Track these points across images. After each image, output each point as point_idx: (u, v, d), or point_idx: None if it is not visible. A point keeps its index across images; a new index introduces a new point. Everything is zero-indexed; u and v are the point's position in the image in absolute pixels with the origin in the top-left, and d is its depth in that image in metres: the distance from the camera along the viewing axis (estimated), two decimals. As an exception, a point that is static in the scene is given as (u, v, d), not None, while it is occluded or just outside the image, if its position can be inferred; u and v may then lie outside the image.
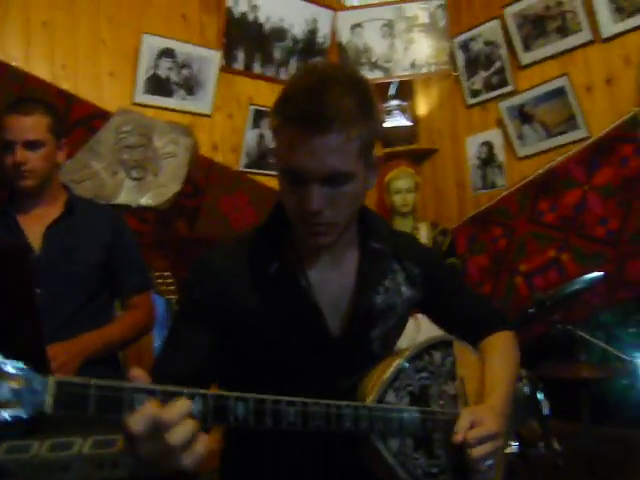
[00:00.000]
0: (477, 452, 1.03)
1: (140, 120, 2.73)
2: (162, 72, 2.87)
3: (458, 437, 1.04)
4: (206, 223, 2.94)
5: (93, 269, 1.79)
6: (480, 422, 1.05)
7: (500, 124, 3.33)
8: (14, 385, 0.65)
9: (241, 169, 3.13)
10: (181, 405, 0.74)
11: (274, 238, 1.11)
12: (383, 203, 3.39)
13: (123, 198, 2.67)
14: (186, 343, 1.05)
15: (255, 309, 1.07)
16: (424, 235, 3.34)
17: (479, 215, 3.45)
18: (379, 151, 3.66)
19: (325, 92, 0.94)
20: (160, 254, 2.77)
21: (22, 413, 0.65)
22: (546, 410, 2.06)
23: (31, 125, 1.74)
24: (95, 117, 2.63)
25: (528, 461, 1.66)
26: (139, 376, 0.75)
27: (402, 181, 3.26)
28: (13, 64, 2.45)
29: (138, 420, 0.70)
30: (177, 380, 0.84)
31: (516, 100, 3.21)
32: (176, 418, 0.72)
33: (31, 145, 1.74)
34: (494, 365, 1.21)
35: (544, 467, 1.91)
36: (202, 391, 0.79)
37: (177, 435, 0.72)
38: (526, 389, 2.04)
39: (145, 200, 2.72)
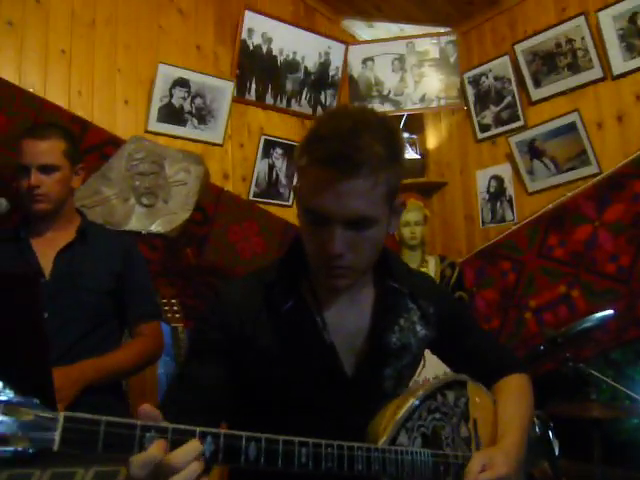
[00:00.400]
0: None
1: (152, 148, 2.75)
2: (176, 101, 2.90)
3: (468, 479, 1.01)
4: (214, 251, 2.94)
5: (102, 296, 1.78)
6: (491, 465, 1.03)
7: (510, 158, 3.34)
8: (23, 419, 0.63)
9: (251, 198, 3.14)
10: (190, 449, 0.73)
11: (291, 275, 1.09)
12: (392, 236, 3.38)
13: (133, 224, 2.67)
14: (198, 378, 1.03)
15: (269, 347, 1.05)
16: (432, 268, 3.32)
17: (488, 249, 3.43)
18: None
19: (357, 136, 0.93)
20: (167, 281, 2.76)
21: (29, 448, 0.63)
22: (557, 450, 2.01)
23: (47, 149, 1.75)
24: (108, 144, 2.65)
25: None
26: (149, 411, 0.73)
27: (411, 214, 3.25)
28: (30, 90, 2.48)
29: (143, 464, 0.69)
30: (188, 416, 0.83)
31: (526, 135, 3.22)
32: (182, 463, 0.71)
33: (46, 169, 1.75)
34: (508, 408, 1.19)
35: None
36: (214, 430, 0.77)
37: (180, 479, 0.71)
38: (537, 429, 1.99)
39: (155, 227, 2.72)
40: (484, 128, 3.48)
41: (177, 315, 2.65)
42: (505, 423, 1.16)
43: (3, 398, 0.63)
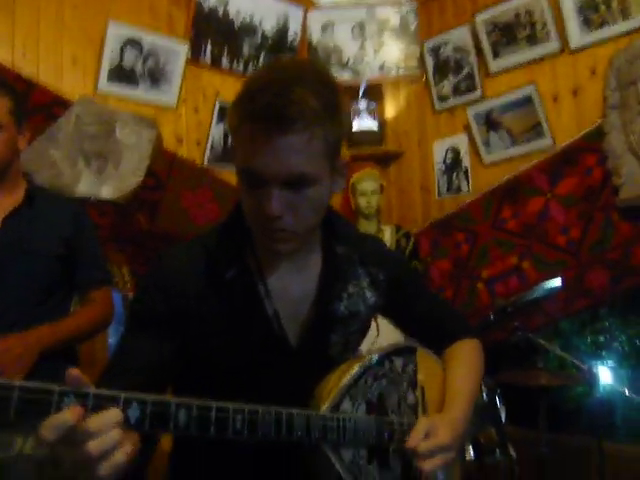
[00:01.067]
0: (427, 464, 1.00)
1: (102, 110, 2.65)
2: (127, 62, 2.78)
3: (409, 445, 1.00)
4: (167, 217, 2.87)
5: (52, 261, 1.71)
6: (435, 434, 1.02)
7: (467, 130, 3.35)
8: None
9: (205, 164, 3.07)
10: (108, 415, 0.70)
11: (233, 241, 1.05)
12: (348, 204, 3.37)
13: (82, 189, 2.58)
14: (137, 350, 0.99)
15: (211, 316, 1.02)
16: (388, 238, 3.34)
17: (443, 220, 3.47)
18: (345, 153, 3.65)
19: (289, 89, 0.88)
20: (117, 247, 2.69)
21: None
22: (503, 417, 2.06)
23: None
24: (55, 104, 2.54)
25: (484, 468, 1.65)
26: (76, 376, 0.70)
27: (367, 183, 3.25)
28: (-30, 46, 2.35)
29: (52, 427, 0.66)
30: (125, 389, 0.78)
31: (483, 106, 3.23)
32: (98, 430, 0.69)
33: None
34: (456, 374, 1.18)
35: (499, 474, 1.91)
36: (141, 396, 0.75)
37: (95, 445, 0.69)
38: (484, 395, 2.04)
39: (105, 192, 2.63)
40: (442, 98, 3.47)
41: (128, 283, 2.59)
42: (453, 392, 1.15)
43: None
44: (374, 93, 3.75)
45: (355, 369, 1.03)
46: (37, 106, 2.46)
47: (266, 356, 1.04)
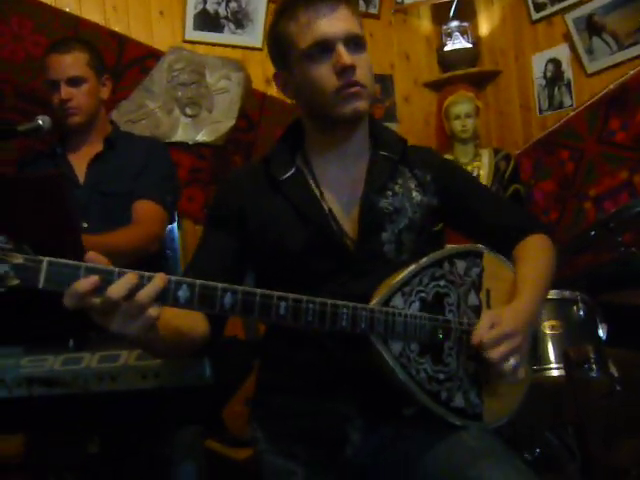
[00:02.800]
0: (494, 353, 1.03)
1: (191, 57, 2.76)
2: (210, 7, 2.86)
3: (475, 341, 1.04)
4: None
5: (126, 200, 1.81)
6: (499, 322, 1.05)
7: (567, 38, 3.11)
8: (14, 262, 0.76)
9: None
10: (124, 281, 0.82)
11: (288, 148, 1.19)
12: (442, 129, 3.29)
13: (179, 136, 2.74)
14: (212, 247, 1.17)
15: (271, 215, 1.15)
16: (486, 162, 3.23)
17: (545, 138, 3.28)
18: (437, 75, 3.53)
19: None
20: (218, 189, 2.85)
21: (18, 285, 0.76)
22: (603, 334, 1.99)
23: (71, 62, 1.81)
24: (148, 57, 2.68)
25: (574, 383, 1.63)
26: (95, 258, 0.83)
27: (461, 106, 3.14)
28: (66, 10, 2.52)
29: (68, 295, 0.80)
30: (206, 279, 0.91)
31: (584, 10, 2.97)
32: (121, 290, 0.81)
33: (74, 81, 1.80)
34: (524, 267, 1.19)
35: (596, 391, 1.87)
36: (189, 280, 0.87)
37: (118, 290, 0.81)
38: (581, 313, 1.98)
39: (201, 137, 2.77)
40: (539, 7, 3.23)
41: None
42: (520, 282, 1.16)
43: (1, 246, 0.76)
44: (466, 10, 3.56)
45: (409, 268, 1.07)
46: (131, 60, 2.63)
47: (324, 254, 1.12)
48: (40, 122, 1.69)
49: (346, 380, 1.11)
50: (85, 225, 1.70)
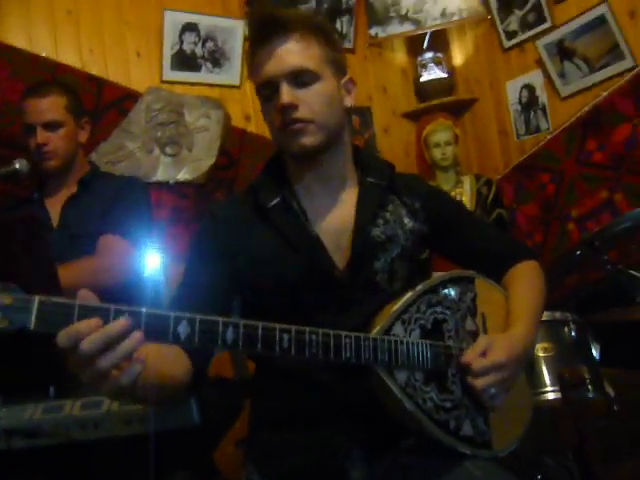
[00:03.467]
0: (479, 381, 1.02)
1: (170, 97, 2.77)
2: (187, 47, 2.89)
3: (464, 361, 1.03)
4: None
5: (93, 239, 1.76)
6: (491, 351, 1.04)
7: (540, 64, 3.18)
8: (3, 302, 0.70)
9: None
10: (118, 325, 0.75)
11: (273, 176, 1.18)
12: (423, 159, 3.32)
13: (160, 175, 2.72)
14: (196, 281, 1.11)
15: (259, 248, 1.12)
16: (468, 188, 3.26)
17: (524, 162, 3.32)
18: (415, 105, 3.57)
19: (283, 12, 1.09)
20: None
21: (8, 328, 0.70)
22: (596, 354, 1.97)
23: (48, 106, 1.79)
24: (126, 98, 2.69)
25: (571, 405, 1.60)
26: (87, 297, 0.77)
27: (440, 134, 3.18)
28: (43, 54, 2.53)
29: (65, 335, 0.73)
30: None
31: (554, 36, 3.04)
32: (109, 337, 0.74)
33: (50, 126, 1.79)
34: (517, 296, 1.18)
35: (593, 412, 1.84)
36: (189, 315, 0.81)
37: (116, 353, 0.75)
38: (573, 333, 1.96)
39: (182, 175, 2.77)
40: (510, 35, 3.30)
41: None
42: (514, 312, 1.15)
43: None
44: (439, 42, 3.63)
45: (406, 295, 1.05)
46: (109, 102, 2.62)
47: (315, 284, 1.10)
48: (17, 166, 1.68)
49: (342, 413, 1.08)
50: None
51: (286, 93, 1.06)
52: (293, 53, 1.07)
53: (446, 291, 1.11)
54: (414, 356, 1.01)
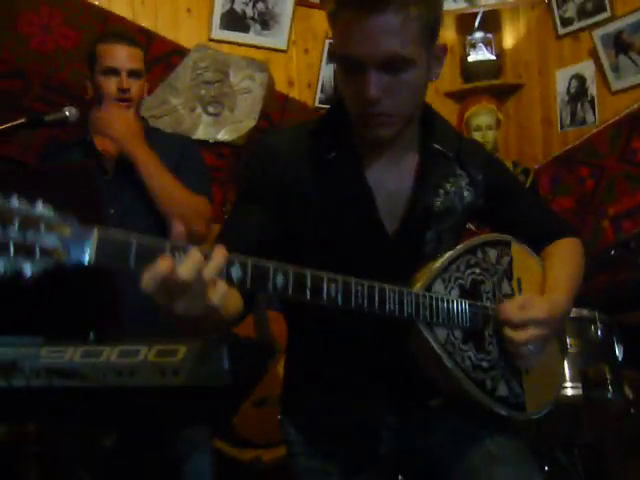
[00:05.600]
0: (518, 335, 1.02)
1: (216, 56, 2.77)
2: (238, 7, 2.87)
3: (503, 314, 1.03)
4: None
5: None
6: (530, 306, 1.04)
7: (593, 55, 3.09)
8: (63, 234, 0.68)
9: (317, 105, 3.12)
10: (192, 259, 0.72)
11: (334, 128, 1.09)
12: (462, 141, 3.28)
13: (200, 134, 2.74)
14: (244, 222, 1.07)
15: (311, 195, 1.07)
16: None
17: (565, 154, 3.26)
18: (459, 86, 3.52)
19: None
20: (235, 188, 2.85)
21: (66, 260, 0.67)
22: (619, 355, 1.97)
23: (137, 55, 1.85)
24: (173, 54, 2.69)
25: (591, 404, 1.61)
26: (179, 232, 0.76)
27: (482, 117, 3.14)
28: (96, 3, 2.53)
29: (149, 279, 0.70)
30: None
31: (612, 27, 2.96)
32: (189, 273, 0.72)
33: (134, 74, 1.83)
34: (556, 269, 1.18)
35: (610, 413, 1.85)
36: (242, 258, 0.79)
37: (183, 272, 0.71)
38: (599, 332, 1.95)
39: (222, 135, 2.78)
40: (566, 22, 3.22)
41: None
42: (553, 281, 1.15)
43: (46, 215, 0.67)
44: (491, 22, 3.55)
45: (447, 254, 1.05)
46: (157, 56, 2.63)
47: (362, 243, 1.07)
48: (67, 113, 1.69)
49: (377, 378, 1.10)
50: (112, 211, 1.72)
51: (374, 85, 0.94)
52: (389, 34, 0.91)
53: (484, 253, 1.11)
54: (454, 314, 1.01)
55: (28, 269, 0.65)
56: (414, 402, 1.11)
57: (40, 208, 0.67)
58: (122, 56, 1.82)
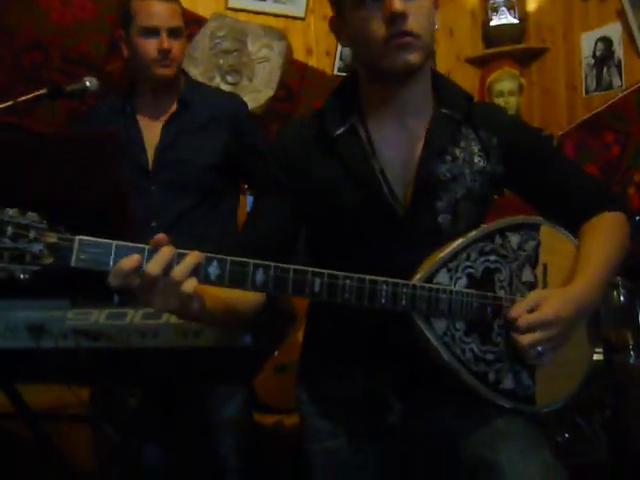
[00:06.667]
0: (524, 339, 1.00)
1: (234, 25, 2.75)
2: (255, -26, 2.84)
3: (510, 316, 1.01)
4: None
5: (205, 171, 1.74)
6: (540, 307, 1.01)
7: (621, 16, 3.00)
8: (49, 241, 0.79)
9: (335, 73, 3.09)
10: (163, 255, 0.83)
11: (343, 103, 1.10)
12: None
13: (219, 103, 2.73)
14: (264, 212, 1.13)
15: (322, 175, 1.09)
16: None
17: (590, 120, 3.19)
18: (481, 51, 3.45)
19: None
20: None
21: (53, 263, 0.79)
22: (642, 321, 1.96)
23: (176, 11, 1.70)
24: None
25: (613, 368, 1.60)
26: (161, 240, 0.83)
27: (505, 83, 3.09)
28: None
29: (113, 274, 0.81)
30: (247, 250, 0.91)
31: (640, -14, 2.87)
32: (158, 271, 0.82)
33: (174, 32, 1.68)
34: (589, 247, 1.10)
35: (634, 378, 1.84)
36: (220, 256, 0.86)
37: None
38: (622, 298, 1.94)
39: (240, 105, 2.77)
40: (592, -18, 3.12)
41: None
42: (580, 265, 1.08)
43: (37, 225, 0.79)
44: (514, -16, 3.47)
45: (456, 242, 1.03)
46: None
47: (374, 218, 1.07)
48: (87, 83, 1.70)
49: (389, 348, 1.10)
50: (153, 224, 1.67)
51: (399, 0, 0.97)
52: None
53: (504, 238, 1.06)
54: (456, 306, 0.99)
55: (19, 272, 0.77)
56: (427, 377, 1.09)
57: (30, 217, 0.78)
58: (161, 13, 1.66)
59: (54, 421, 1.65)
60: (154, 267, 0.81)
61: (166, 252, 0.82)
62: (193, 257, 0.84)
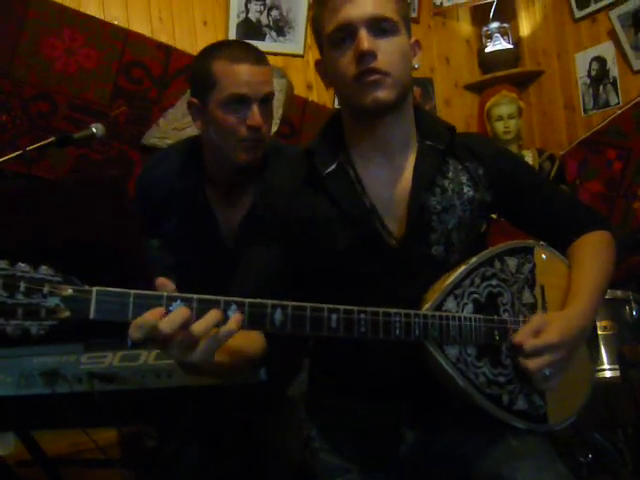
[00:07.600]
0: (532, 363, 1.01)
1: (234, 65, 2.81)
2: (252, 16, 2.92)
3: (516, 342, 1.02)
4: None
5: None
6: (545, 331, 1.02)
7: (612, 35, 3.06)
8: (64, 294, 0.75)
9: (336, 107, 3.14)
10: (210, 317, 0.80)
11: (330, 141, 1.13)
12: (485, 132, 3.26)
13: (224, 142, 2.78)
14: (258, 257, 1.11)
15: (314, 214, 1.10)
16: (530, 163, 3.20)
17: (590, 138, 3.21)
18: (478, 77, 3.50)
19: None
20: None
21: (70, 317, 0.75)
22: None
23: (269, 76, 1.35)
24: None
25: (629, 382, 1.59)
26: (164, 284, 0.81)
27: (504, 107, 3.13)
28: (115, 22, 2.60)
29: (135, 327, 0.77)
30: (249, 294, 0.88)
31: (629, 6, 2.92)
32: (201, 331, 0.80)
33: (266, 102, 1.34)
34: (581, 268, 1.13)
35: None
36: (238, 299, 0.84)
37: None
38: (634, 313, 1.93)
39: (244, 143, 2.81)
40: (582, 4, 3.18)
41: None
42: (576, 286, 1.11)
43: (51, 279, 0.75)
44: (506, 11, 3.55)
45: (460, 269, 1.04)
46: (177, 69, 2.67)
47: (369, 254, 1.08)
48: (94, 130, 1.74)
49: (398, 386, 1.09)
50: None
51: (366, 39, 1.00)
52: (373, 1, 1.03)
53: (502, 263, 1.08)
54: (466, 332, 1.00)
55: (35, 329, 0.73)
56: (435, 403, 1.09)
57: (43, 271, 0.75)
58: (251, 80, 1.31)
59: (71, 466, 1.64)
60: (168, 325, 0.78)
61: (182, 311, 0.79)
62: (214, 314, 0.81)
